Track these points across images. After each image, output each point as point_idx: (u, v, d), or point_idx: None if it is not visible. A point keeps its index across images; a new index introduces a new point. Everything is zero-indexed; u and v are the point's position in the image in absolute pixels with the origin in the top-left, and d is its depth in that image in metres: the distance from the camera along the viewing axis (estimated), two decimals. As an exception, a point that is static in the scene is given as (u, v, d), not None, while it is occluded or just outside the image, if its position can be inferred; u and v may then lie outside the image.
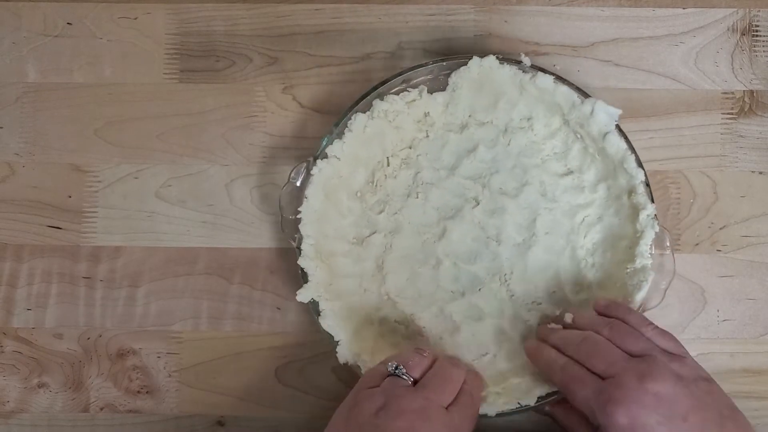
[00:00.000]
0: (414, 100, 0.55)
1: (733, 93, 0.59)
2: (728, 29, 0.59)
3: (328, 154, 0.53)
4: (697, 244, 0.58)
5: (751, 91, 0.59)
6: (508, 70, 0.54)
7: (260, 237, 0.59)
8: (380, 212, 0.56)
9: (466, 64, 0.54)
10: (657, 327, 0.47)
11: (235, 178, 0.59)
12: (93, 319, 0.59)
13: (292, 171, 0.54)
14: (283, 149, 0.59)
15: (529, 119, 0.56)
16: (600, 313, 0.50)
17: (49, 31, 0.61)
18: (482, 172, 0.56)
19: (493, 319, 0.55)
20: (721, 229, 0.58)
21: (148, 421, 0.58)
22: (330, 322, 0.53)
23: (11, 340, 0.59)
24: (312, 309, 0.54)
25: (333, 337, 0.53)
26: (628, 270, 0.52)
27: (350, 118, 0.54)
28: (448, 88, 0.55)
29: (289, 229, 0.54)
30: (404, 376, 0.46)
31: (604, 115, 0.53)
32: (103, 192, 0.59)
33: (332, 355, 0.57)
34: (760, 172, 0.58)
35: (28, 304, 0.59)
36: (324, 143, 0.54)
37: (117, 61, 0.60)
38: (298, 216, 0.53)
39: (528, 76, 0.54)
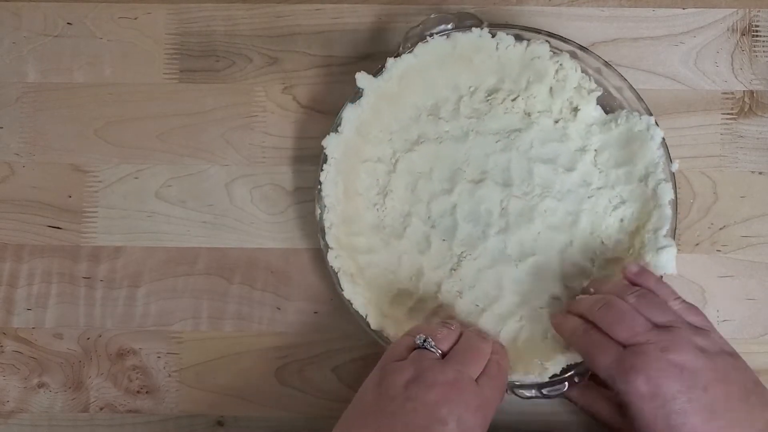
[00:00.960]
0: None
1: (733, 93, 0.59)
2: (728, 29, 0.59)
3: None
4: (697, 245, 0.58)
5: (751, 92, 0.59)
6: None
7: (260, 237, 0.59)
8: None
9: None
10: (684, 301, 0.47)
11: (235, 178, 0.59)
12: (93, 319, 0.59)
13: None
14: (283, 149, 0.59)
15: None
16: (629, 280, 0.50)
17: (49, 31, 0.61)
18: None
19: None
20: (721, 229, 0.58)
21: (148, 421, 0.58)
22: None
23: (11, 340, 0.59)
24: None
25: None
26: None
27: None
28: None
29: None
30: (432, 349, 0.46)
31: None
32: (103, 192, 0.59)
33: (332, 355, 0.58)
34: (760, 172, 0.58)
35: (28, 304, 0.59)
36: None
37: (117, 61, 0.60)
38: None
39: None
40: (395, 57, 0.54)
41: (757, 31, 0.59)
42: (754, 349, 0.57)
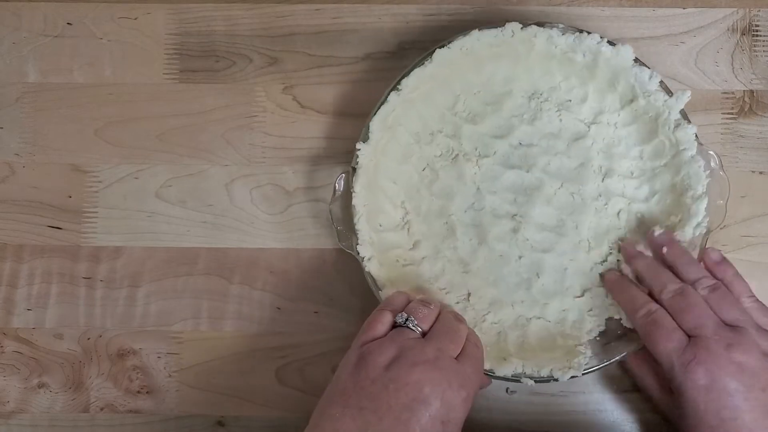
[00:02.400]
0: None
1: (733, 93, 0.59)
2: (728, 29, 0.59)
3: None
4: (697, 244, 0.58)
5: (751, 91, 0.59)
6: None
7: (260, 237, 0.59)
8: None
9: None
10: (757, 300, 0.48)
11: (235, 178, 0.59)
12: (93, 319, 0.59)
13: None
14: (283, 149, 0.59)
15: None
16: (707, 267, 0.51)
17: (49, 31, 0.61)
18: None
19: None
20: (721, 229, 0.58)
21: (148, 421, 0.58)
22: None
23: (11, 341, 0.59)
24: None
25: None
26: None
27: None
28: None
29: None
30: (414, 328, 0.46)
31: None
32: (103, 192, 0.59)
33: (332, 355, 0.57)
34: (760, 172, 0.58)
35: (28, 304, 0.59)
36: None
37: (117, 61, 0.60)
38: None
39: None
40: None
41: (757, 31, 0.59)
42: (754, 349, 0.57)
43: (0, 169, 0.60)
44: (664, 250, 0.51)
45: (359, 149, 0.53)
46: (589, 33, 0.53)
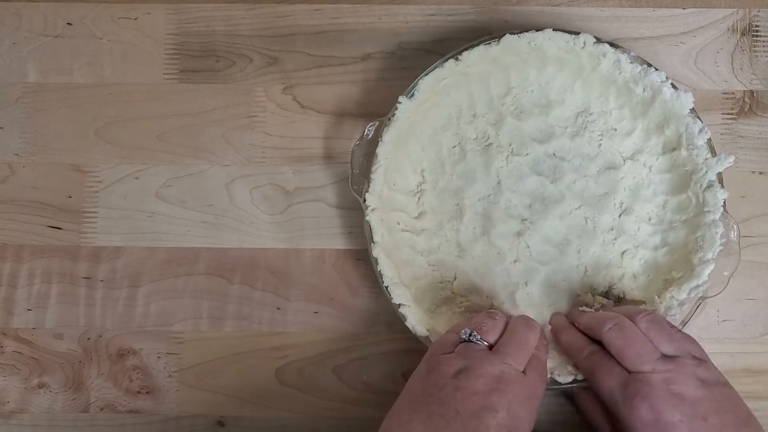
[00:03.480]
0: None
1: (733, 93, 0.59)
2: (728, 29, 0.59)
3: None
4: (697, 244, 0.58)
5: (751, 91, 0.59)
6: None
7: (260, 237, 0.59)
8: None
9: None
10: (681, 331, 0.48)
11: (235, 178, 0.59)
12: (93, 319, 0.59)
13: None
14: (283, 149, 0.59)
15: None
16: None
17: (49, 31, 0.61)
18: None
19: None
20: (721, 229, 0.58)
21: (148, 422, 0.58)
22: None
23: (11, 341, 0.59)
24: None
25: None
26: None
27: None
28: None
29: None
30: (479, 342, 0.47)
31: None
32: (103, 192, 0.59)
33: (332, 355, 0.58)
34: (760, 172, 0.58)
35: (28, 304, 0.59)
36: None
37: (117, 61, 0.60)
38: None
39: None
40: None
41: (757, 31, 0.59)
42: (754, 349, 0.57)
43: (0, 169, 0.60)
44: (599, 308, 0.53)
45: (400, 102, 0.53)
46: (656, 69, 0.53)
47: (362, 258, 0.58)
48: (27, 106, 0.60)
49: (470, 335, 0.47)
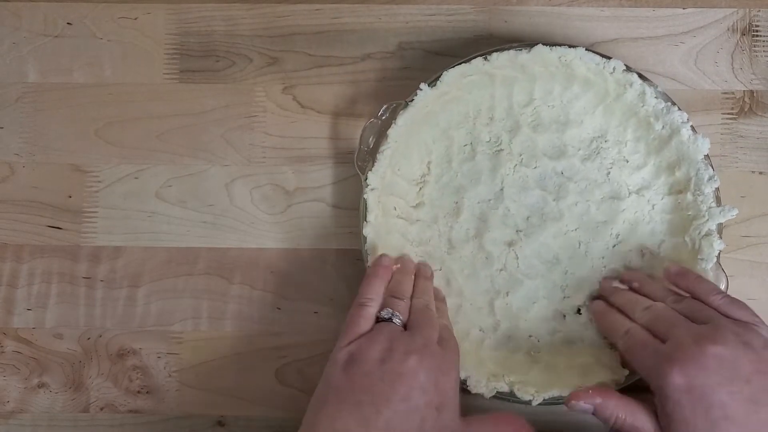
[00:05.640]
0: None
1: (733, 93, 0.59)
2: (728, 29, 0.59)
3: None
4: (697, 244, 0.58)
5: (751, 91, 0.59)
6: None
7: (260, 237, 0.59)
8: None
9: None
10: (727, 295, 0.47)
11: (235, 178, 0.59)
12: (93, 319, 0.59)
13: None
14: (283, 149, 0.59)
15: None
16: (671, 281, 0.51)
17: (49, 31, 0.61)
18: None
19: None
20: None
21: (148, 421, 0.58)
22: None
23: (11, 340, 0.59)
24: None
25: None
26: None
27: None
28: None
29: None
30: (398, 321, 0.47)
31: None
32: (103, 192, 0.59)
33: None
34: (760, 172, 0.58)
35: (28, 304, 0.59)
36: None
37: (117, 61, 0.60)
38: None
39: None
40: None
41: (757, 31, 0.59)
42: (754, 349, 0.57)
43: (0, 169, 0.60)
44: (635, 284, 0.52)
45: (421, 89, 0.53)
46: (679, 109, 0.53)
47: (362, 258, 0.58)
48: (27, 106, 0.60)
49: (392, 315, 0.47)
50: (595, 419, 0.47)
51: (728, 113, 0.59)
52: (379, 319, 0.48)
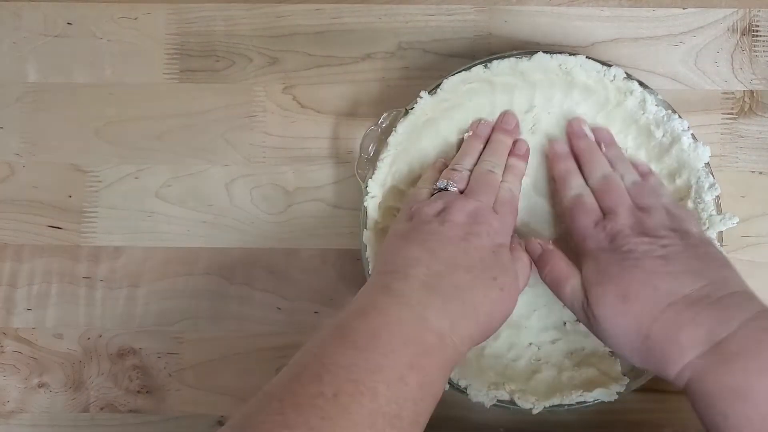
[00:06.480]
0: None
1: (733, 93, 0.59)
2: (728, 29, 0.59)
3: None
4: (697, 244, 0.58)
5: (751, 91, 0.59)
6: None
7: (260, 237, 0.59)
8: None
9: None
10: (679, 206, 0.50)
11: (235, 178, 0.59)
12: (93, 319, 0.59)
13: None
14: (283, 149, 0.59)
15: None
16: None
17: (49, 31, 0.61)
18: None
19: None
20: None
21: (148, 421, 0.58)
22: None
23: (11, 340, 0.59)
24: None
25: None
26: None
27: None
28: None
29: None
30: (453, 188, 0.50)
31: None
32: (103, 192, 0.59)
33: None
34: (760, 172, 0.58)
35: (28, 304, 0.59)
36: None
37: (117, 61, 0.60)
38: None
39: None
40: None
41: (757, 31, 0.59)
42: (754, 349, 0.57)
43: (0, 169, 0.60)
44: (603, 147, 0.53)
45: (421, 97, 0.53)
46: (680, 117, 0.52)
47: (362, 258, 0.58)
48: (27, 106, 0.60)
49: (447, 184, 0.50)
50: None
51: (728, 113, 0.59)
52: (435, 191, 0.51)
